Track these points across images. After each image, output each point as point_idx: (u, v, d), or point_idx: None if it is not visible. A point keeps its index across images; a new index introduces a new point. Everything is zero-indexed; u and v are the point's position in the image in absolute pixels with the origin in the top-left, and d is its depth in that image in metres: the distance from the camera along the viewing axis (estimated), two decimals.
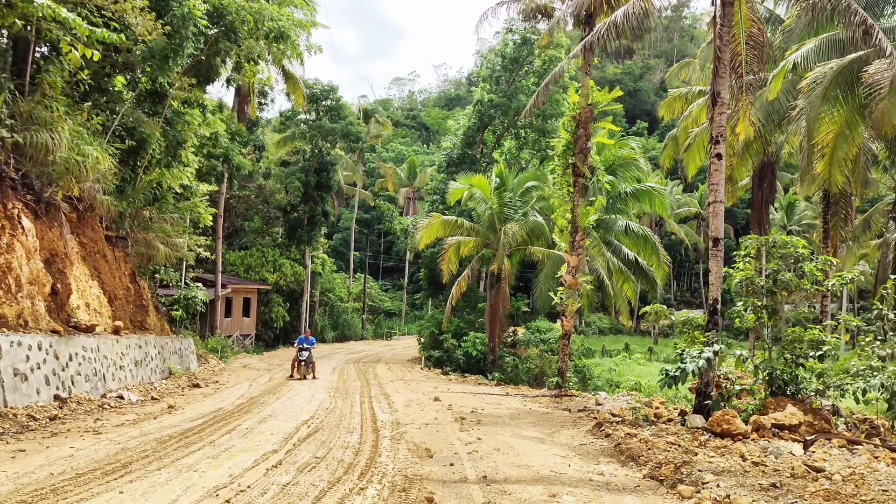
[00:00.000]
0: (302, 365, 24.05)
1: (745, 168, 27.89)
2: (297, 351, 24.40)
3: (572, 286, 21.06)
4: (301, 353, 24.20)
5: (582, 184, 21.07)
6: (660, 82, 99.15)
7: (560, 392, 20.54)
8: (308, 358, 24.21)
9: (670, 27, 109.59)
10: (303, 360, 24.06)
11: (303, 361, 24.05)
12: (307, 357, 24.16)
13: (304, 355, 24.09)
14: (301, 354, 24.16)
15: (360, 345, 53.98)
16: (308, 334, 25.48)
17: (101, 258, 20.88)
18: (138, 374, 19.45)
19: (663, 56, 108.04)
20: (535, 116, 38.48)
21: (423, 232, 30.37)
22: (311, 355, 24.43)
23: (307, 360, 24.19)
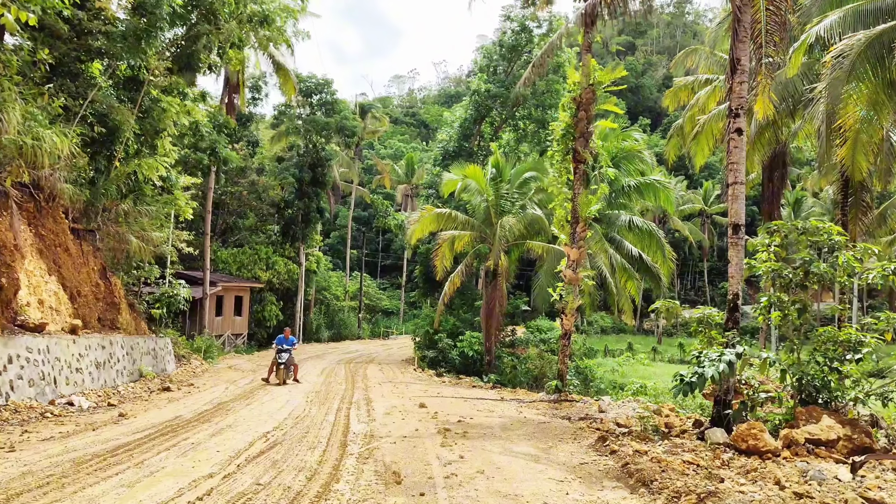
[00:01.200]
0: (281, 368, 21.71)
1: (757, 157, 26.03)
2: (276, 352, 22.08)
3: (573, 281, 19.24)
4: (280, 354, 21.87)
5: (583, 171, 19.24)
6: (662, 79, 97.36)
7: (559, 397, 18.72)
8: (288, 360, 21.95)
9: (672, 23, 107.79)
10: (282, 362, 21.72)
11: (282, 364, 21.72)
12: (287, 359, 21.87)
13: (283, 357, 21.77)
14: (280, 356, 21.84)
15: (356, 344, 52.18)
16: (287, 333, 22.84)
17: (64, 252, 19.09)
18: (100, 378, 17.65)
19: (665, 52, 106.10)
20: (534, 107, 36.70)
21: (416, 226, 28.51)
22: (291, 357, 22.20)
23: (287, 363, 21.90)
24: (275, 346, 22.30)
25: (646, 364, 44.99)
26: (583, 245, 19.34)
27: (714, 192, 74.30)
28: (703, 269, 78.16)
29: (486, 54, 38.88)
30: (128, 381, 19.70)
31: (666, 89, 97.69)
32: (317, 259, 54.20)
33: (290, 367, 22.13)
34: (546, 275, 33.72)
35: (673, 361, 54.43)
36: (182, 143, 26.98)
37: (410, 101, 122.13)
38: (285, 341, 22.29)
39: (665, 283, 39.73)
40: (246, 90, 48.44)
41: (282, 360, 21.73)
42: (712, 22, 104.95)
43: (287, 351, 21.96)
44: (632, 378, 42.79)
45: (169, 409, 14.89)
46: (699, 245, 74.06)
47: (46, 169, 17.80)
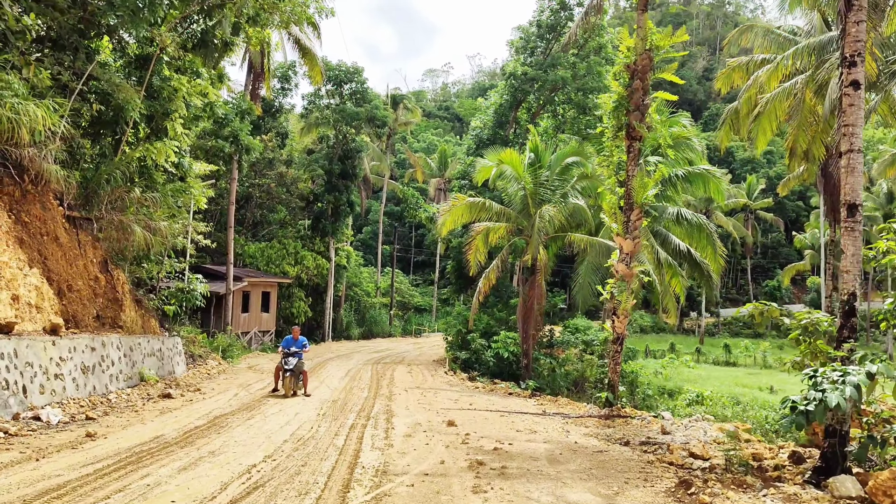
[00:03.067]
0: (288, 376, 17.98)
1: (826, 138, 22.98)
2: (282, 357, 18.37)
3: (626, 277, 16.48)
4: (287, 359, 18.16)
5: (638, 149, 16.47)
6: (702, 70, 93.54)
7: (611, 411, 15.97)
8: (297, 366, 18.17)
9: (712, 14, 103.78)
10: (289, 369, 18.00)
11: (289, 371, 18.01)
12: (295, 365, 18.11)
13: (290, 363, 18.05)
14: (287, 362, 18.12)
15: (387, 342, 49.75)
16: (296, 333, 19.09)
17: (52, 242, 16.76)
18: (88, 384, 15.28)
19: (705, 44, 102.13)
20: (575, 91, 33.81)
21: (446, 216, 25.77)
22: (300, 362, 18.37)
23: (295, 370, 18.10)
24: (281, 349, 18.69)
25: (691, 366, 41.93)
26: (638, 236, 16.57)
27: (758, 187, 70.66)
28: (746, 267, 74.49)
29: (522, 34, 36.03)
30: (125, 386, 17.34)
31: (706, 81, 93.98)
32: (347, 254, 51.89)
33: (298, 374, 18.36)
34: (587, 271, 30.89)
35: (718, 363, 51.22)
36: (196, 126, 24.57)
37: (444, 95, 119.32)
38: (293, 343, 18.63)
39: (715, 280, 36.81)
40: (274, 80, 46.30)
41: (288, 365, 18.07)
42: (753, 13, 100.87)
43: (295, 355, 18.27)
44: (676, 380, 39.87)
45: (154, 426, 12.43)
46: (742, 242, 70.46)
47: (29, 148, 15.51)
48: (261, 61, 35.88)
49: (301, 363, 18.43)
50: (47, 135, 15.99)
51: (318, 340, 47.05)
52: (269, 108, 47.18)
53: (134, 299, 21.48)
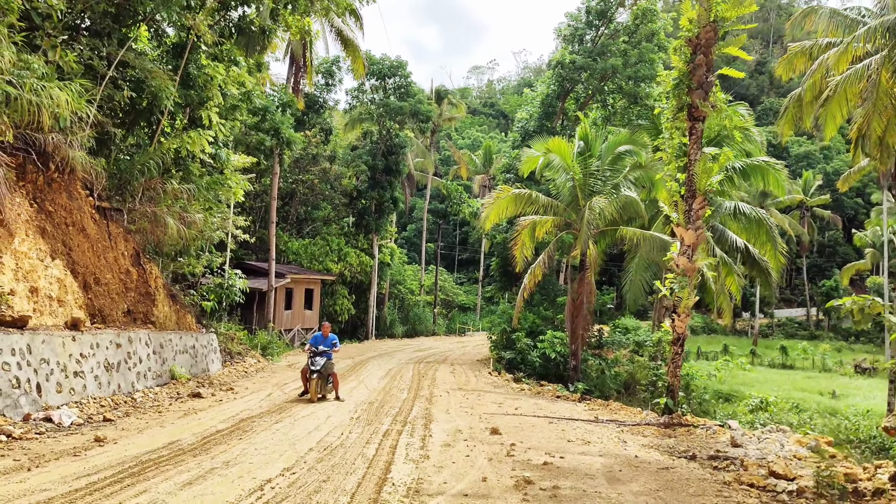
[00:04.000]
0: (315, 378, 15.60)
1: None
2: (309, 357, 15.86)
3: (688, 272, 14.97)
4: (314, 359, 15.70)
5: (700, 130, 14.94)
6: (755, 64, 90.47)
7: (671, 419, 14.48)
8: (325, 367, 15.80)
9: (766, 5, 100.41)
10: (316, 369, 15.59)
11: (316, 372, 15.60)
12: (323, 366, 15.72)
13: (317, 363, 15.65)
14: (313, 362, 15.67)
15: (430, 341, 48.59)
16: (326, 330, 16.64)
17: (79, 233, 15.88)
18: (112, 382, 14.33)
19: (758, 36, 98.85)
20: (626, 80, 32.15)
21: (490, 209, 24.33)
22: (329, 363, 16.01)
23: (323, 371, 15.74)
24: (307, 347, 16.14)
25: (747, 369, 39.87)
26: (701, 226, 15.05)
27: (815, 183, 67.80)
28: (801, 266, 71.60)
29: (571, 20, 34.44)
30: (154, 384, 16.40)
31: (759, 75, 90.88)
32: (391, 251, 50.88)
33: (328, 376, 16.11)
34: (638, 268, 29.30)
35: (774, 366, 48.93)
36: (233, 115, 23.60)
37: (489, 92, 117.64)
38: (322, 341, 16.27)
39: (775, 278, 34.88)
40: (318, 76, 45.51)
41: (315, 366, 15.64)
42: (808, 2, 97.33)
43: (323, 355, 15.86)
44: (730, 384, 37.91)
45: (172, 429, 11.38)
46: (798, 239, 67.68)
47: (52, 134, 14.61)
48: (302, 53, 35.02)
49: (330, 364, 16.14)
50: (74, 120, 15.13)
51: (361, 339, 46.15)
52: (312, 103, 46.41)
53: (168, 294, 20.60)
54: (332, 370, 16.35)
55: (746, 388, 37.17)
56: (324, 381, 16.04)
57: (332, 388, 16.42)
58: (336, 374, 16.59)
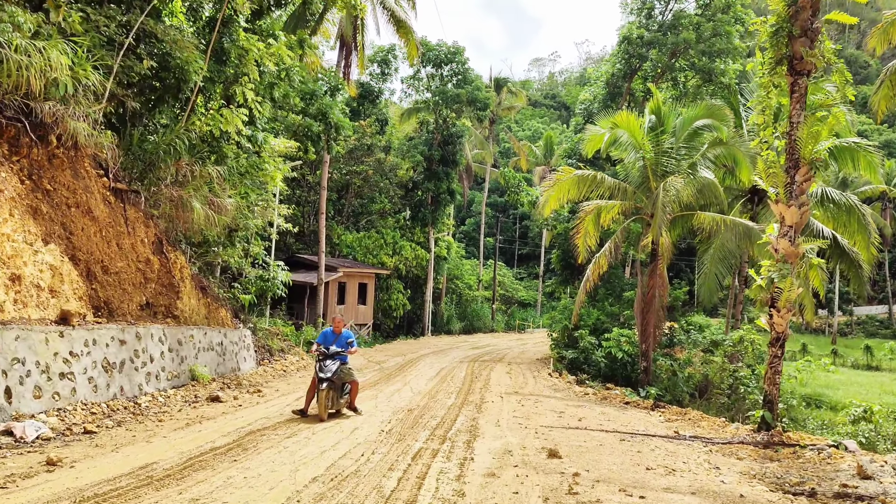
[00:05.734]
0: (325, 388, 11.89)
1: None
2: (318, 360, 12.34)
3: (790, 257, 12.19)
4: (323, 364, 12.11)
5: (805, 87, 12.16)
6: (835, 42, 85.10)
7: (770, 436, 11.73)
8: (339, 374, 12.15)
9: None
10: (326, 377, 11.92)
11: (326, 381, 11.93)
12: (336, 372, 12.06)
13: (328, 368, 12.01)
14: (323, 367, 12.06)
15: (488, 338, 46.15)
16: (339, 324, 12.93)
17: (84, 215, 13.91)
18: (113, 385, 12.32)
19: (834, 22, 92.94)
20: (699, 55, 29.10)
21: (550, 192, 21.61)
22: (346, 368, 12.43)
23: (335, 379, 12.08)
24: (315, 346, 12.66)
25: (831, 370, 36.26)
26: (806, 202, 12.25)
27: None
28: (883, 261, 66.60)
29: None
30: (168, 386, 14.39)
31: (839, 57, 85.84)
32: (447, 244, 48.59)
33: (344, 386, 12.56)
34: (713, 259, 26.27)
35: (858, 367, 44.91)
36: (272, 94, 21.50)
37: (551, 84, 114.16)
38: (333, 339, 12.70)
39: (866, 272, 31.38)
40: (373, 64, 43.47)
41: (325, 372, 11.94)
42: None
43: (336, 358, 12.31)
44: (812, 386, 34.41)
45: (158, 446, 9.24)
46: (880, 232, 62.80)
47: (50, 103, 12.70)
48: (353, 36, 32.85)
49: (347, 370, 12.51)
50: (81, 90, 13.24)
51: (416, 335, 44.09)
52: (368, 93, 44.45)
53: (197, 286, 18.62)
54: (353, 377, 12.79)
55: (831, 392, 33.71)
56: (337, 393, 12.32)
57: (347, 398, 12.78)
58: (357, 383, 13.08)
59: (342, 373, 12.34)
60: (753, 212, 30.06)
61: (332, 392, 12.12)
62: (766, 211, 29.42)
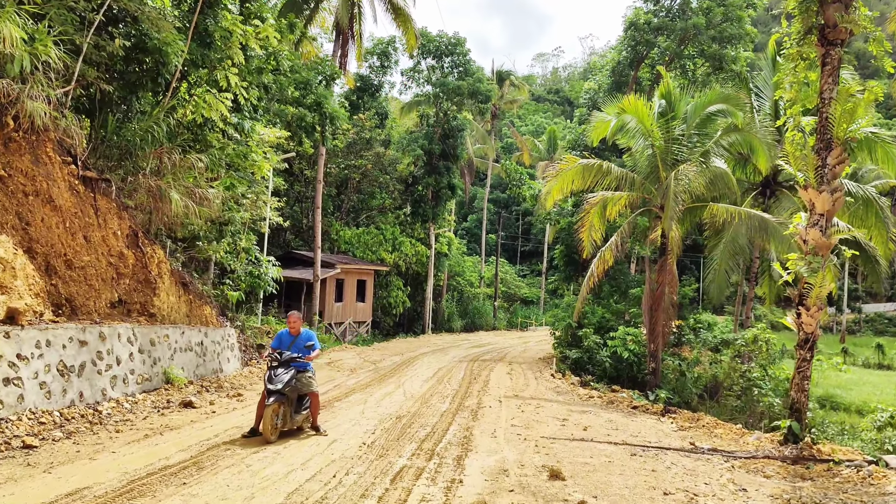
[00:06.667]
0: (272, 403, 9.67)
1: None
2: (270, 367, 10.22)
3: (821, 248, 10.87)
4: (274, 373, 9.98)
5: (838, 59, 10.83)
6: None
7: (799, 450, 10.41)
8: (293, 384, 9.92)
9: None
10: (277, 388, 9.70)
11: (275, 395, 9.71)
12: (288, 382, 9.80)
13: (279, 379, 9.82)
14: (273, 377, 9.91)
15: (490, 336, 44.84)
16: (295, 323, 10.68)
17: (44, 204, 12.58)
18: (71, 390, 11.01)
19: None
20: (709, 41, 27.71)
21: (552, 183, 20.17)
22: (304, 377, 10.25)
23: (288, 390, 9.83)
24: (269, 351, 10.57)
25: (842, 370, 34.88)
26: (839, 187, 10.93)
27: None
28: (892, 257, 65.09)
29: None
30: (138, 390, 13.10)
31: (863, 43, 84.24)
32: (448, 240, 47.26)
33: (298, 400, 10.27)
34: (723, 254, 24.95)
35: (869, 366, 43.45)
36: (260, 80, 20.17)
37: (554, 79, 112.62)
38: (290, 341, 10.56)
39: (883, 267, 30.10)
40: (373, 57, 42.16)
41: (275, 384, 9.74)
42: None
43: (290, 365, 10.03)
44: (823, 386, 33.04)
45: (101, 464, 7.98)
46: None
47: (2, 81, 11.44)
48: (349, 25, 31.51)
49: (306, 380, 10.24)
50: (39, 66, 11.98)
51: (417, 333, 42.80)
52: (367, 86, 43.18)
53: (178, 282, 17.31)
54: (311, 388, 10.33)
55: (844, 392, 32.35)
56: (291, 409, 10.06)
57: (307, 416, 10.46)
58: (316, 395, 10.50)
59: (299, 383, 10.09)
60: (765, 205, 28.71)
61: (285, 408, 9.90)
62: (779, 205, 28.11)
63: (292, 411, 10.15)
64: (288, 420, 10.03)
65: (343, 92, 42.78)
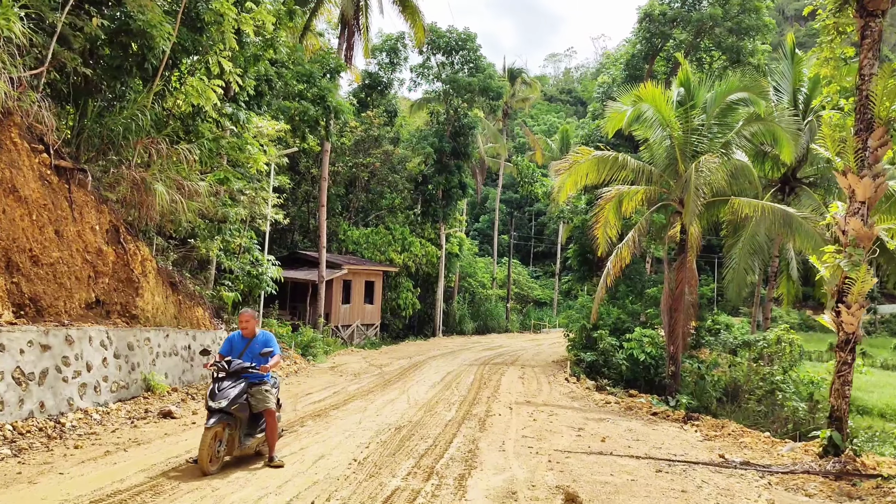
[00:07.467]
0: (213, 425, 7.52)
1: None
2: (214, 379, 7.96)
3: (862, 239, 9.66)
4: (218, 387, 7.80)
5: (878, 30, 9.62)
6: None
7: (843, 464, 9.19)
8: (240, 400, 7.81)
9: None
10: (220, 407, 7.60)
11: (219, 413, 7.63)
12: (236, 398, 7.74)
13: (225, 394, 7.70)
14: (217, 393, 7.75)
15: (502, 338, 43.63)
16: (250, 324, 8.43)
17: (7, 194, 11.47)
18: (30, 400, 9.85)
19: None
20: (726, 33, 26.46)
21: (565, 176, 18.92)
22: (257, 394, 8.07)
23: (234, 408, 7.70)
24: (210, 361, 8.35)
25: (865, 373, 33.44)
26: (882, 172, 9.70)
27: None
28: None
29: None
30: (112, 399, 12.00)
31: None
32: (459, 241, 46.09)
33: (251, 420, 8.18)
34: (743, 252, 23.69)
35: (887, 367, 41.89)
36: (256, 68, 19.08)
37: (566, 80, 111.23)
38: (243, 346, 8.41)
39: None
40: (382, 53, 41.10)
41: (217, 401, 7.66)
42: None
43: (242, 376, 8.01)
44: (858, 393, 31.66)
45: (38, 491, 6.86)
46: None
47: None
48: (354, 16, 30.40)
49: (261, 395, 8.09)
50: None
51: (427, 335, 41.65)
52: (376, 83, 42.12)
53: (166, 282, 16.25)
54: (267, 405, 8.12)
55: (865, 395, 30.96)
56: (239, 431, 7.98)
57: (261, 441, 8.35)
58: (272, 412, 8.20)
59: (252, 399, 8.01)
60: (784, 203, 27.46)
61: (231, 430, 7.81)
62: (798, 202, 26.80)
63: (242, 434, 8.01)
64: (235, 445, 7.92)
65: (351, 89, 41.76)
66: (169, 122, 16.15)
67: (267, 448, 8.36)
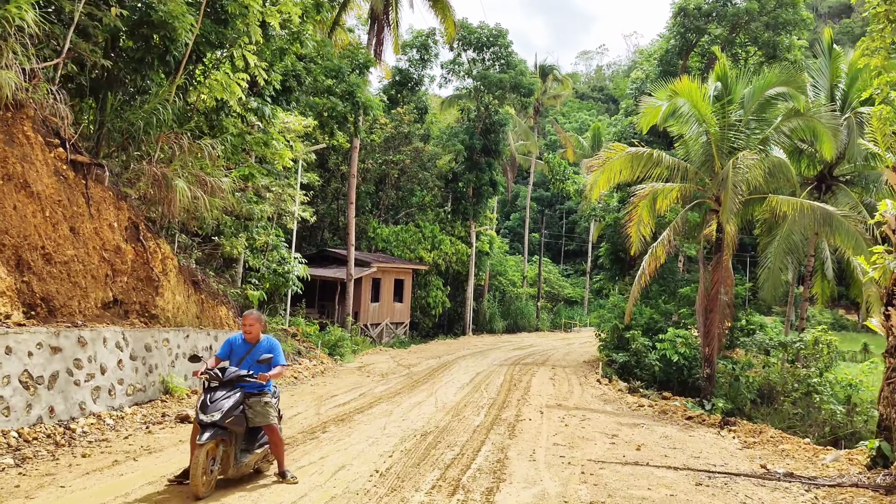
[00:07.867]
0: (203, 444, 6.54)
1: None
2: (206, 388, 7.04)
3: None
4: (210, 397, 6.87)
5: None
6: None
7: (893, 477, 8.51)
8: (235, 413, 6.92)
9: None
10: (212, 421, 6.66)
11: (212, 427, 6.67)
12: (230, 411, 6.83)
13: (218, 406, 6.77)
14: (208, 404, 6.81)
15: (533, 337, 43.00)
16: (255, 328, 7.59)
17: (18, 190, 11.13)
18: (39, 404, 9.45)
19: None
20: (763, 28, 25.54)
21: (598, 173, 18.22)
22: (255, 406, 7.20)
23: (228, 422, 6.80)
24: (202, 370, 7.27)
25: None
26: None
27: None
28: None
29: None
30: (128, 402, 11.64)
31: None
32: (490, 239, 45.50)
33: (249, 435, 7.32)
34: (777, 252, 22.81)
35: None
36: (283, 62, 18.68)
37: (598, 77, 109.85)
38: (244, 351, 7.50)
39: None
40: (412, 50, 40.65)
41: (209, 414, 6.72)
42: None
43: (237, 386, 7.09)
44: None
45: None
46: None
47: None
48: (384, 11, 29.97)
49: (261, 407, 7.25)
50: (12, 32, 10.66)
51: (457, 334, 41.14)
52: (406, 79, 41.67)
53: (188, 280, 15.92)
54: (267, 420, 7.27)
55: None
56: (235, 448, 7.08)
57: (264, 455, 7.57)
58: (274, 428, 7.36)
59: (250, 411, 7.18)
60: (820, 201, 26.53)
61: (225, 447, 6.95)
62: (834, 200, 25.80)
63: (238, 451, 7.11)
64: (231, 464, 7.01)
65: (381, 86, 41.37)
66: (192, 116, 15.86)
67: (267, 465, 7.73)
